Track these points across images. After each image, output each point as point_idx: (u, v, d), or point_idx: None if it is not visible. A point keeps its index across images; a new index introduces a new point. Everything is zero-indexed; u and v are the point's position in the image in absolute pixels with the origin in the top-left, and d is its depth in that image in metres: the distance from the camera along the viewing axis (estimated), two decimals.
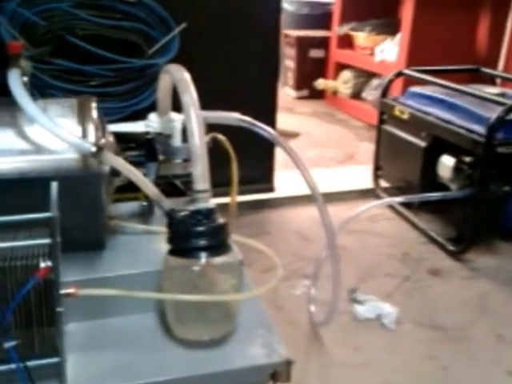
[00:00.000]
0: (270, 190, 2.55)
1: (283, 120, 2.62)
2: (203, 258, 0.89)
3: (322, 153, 3.25)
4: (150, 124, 1.16)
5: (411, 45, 3.35)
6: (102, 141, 0.95)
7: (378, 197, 2.54)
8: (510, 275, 2.02)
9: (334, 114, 4.10)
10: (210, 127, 1.07)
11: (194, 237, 0.89)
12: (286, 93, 4.47)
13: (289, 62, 4.54)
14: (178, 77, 0.97)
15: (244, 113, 1.17)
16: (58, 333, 0.80)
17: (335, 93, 4.24)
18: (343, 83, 4.16)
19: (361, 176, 2.74)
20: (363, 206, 1.97)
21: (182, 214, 0.91)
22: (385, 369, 1.53)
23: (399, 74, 2.56)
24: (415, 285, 1.94)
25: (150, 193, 0.95)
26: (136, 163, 1.02)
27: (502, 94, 2.17)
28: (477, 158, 1.98)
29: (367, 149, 3.22)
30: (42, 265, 0.76)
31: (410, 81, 2.59)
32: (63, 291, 0.80)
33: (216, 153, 1.07)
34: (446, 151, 2.13)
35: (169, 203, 0.94)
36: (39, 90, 1.69)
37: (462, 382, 1.50)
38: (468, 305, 1.84)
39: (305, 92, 4.47)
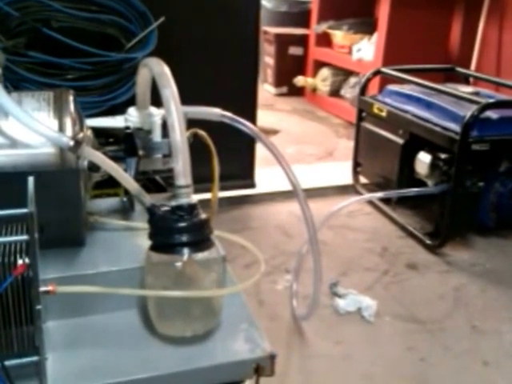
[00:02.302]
0: (251, 185, 2.55)
1: (263, 117, 2.64)
2: (185, 253, 0.88)
3: (302, 149, 3.27)
4: (130, 118, 1.14)
5: (387, 44, 3.40)
6: (80, 135, 0.93)
7: (357, 192, 2.57)
8: (484, 268, 2.07)
9: (313, 111, 4.13)
10: (190, 122, 1.06)
11: (176, 232, 0.88)
12: (265, 89, 4.48)
13: (268, 59, 4.54)
14: (158, 71, 0.95)
15: (224, 109, 1.17)
16: (36, 331, 0.78)
17: (314, 90, 4.27)
18: (322, 81, 4.19)
19: (340, 172, 2.77)
20: (344, 202, 1.99)
21: (164, 209, 0.90)
22: (365, 361, 1.55)
23: (377, 73, 2.60)
24: (394, 278, 1.98)
25: (130, 188, 0.93)
26: (115, 158, 1.00)
27: (477, 93, 2.23)
28: (452, 154, 2.03)
29: (346, 146, 3.25)
30: (20, 262, 0.75)
31: (387, 79, 2.63)
32: (42, 289, 0.79)
33: (196, 148, 1.06)
34: (423, 148, 2.17)
35: (150, 199, 0.93)
36: (13, 83, 1.65)
37: (440, 373, 1.54)
38: (444, 297, 1.88)
39: (284, 89, 4.48)
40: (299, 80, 4.29)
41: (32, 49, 1.70)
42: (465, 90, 2.29)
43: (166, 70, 0.95)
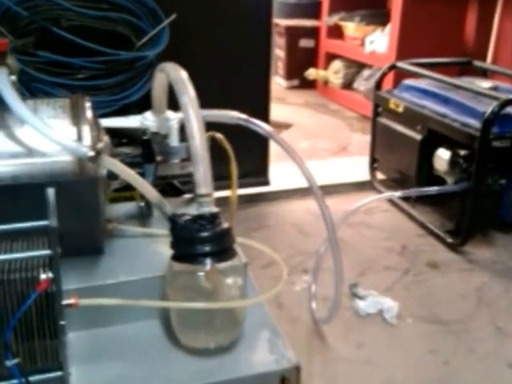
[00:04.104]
0: (265, 183, 2.51)
1: (275, 110, 2.58)
2: (208, 263, 0.86)
3: (316, 144, 3.22)
4: (146, 123, 1.12)
5: (401, 36, 3.33)
6: (100, 144, 0.90)
7: (374, 189, 2.53)
8: (507, 266, 2.02)
9: (325, 105, 4.07)
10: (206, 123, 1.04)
11: (199, 242, 0.86)
12: (276, 82, 4.43)
13: (279, 52, 4.48)
14: (175, 76, 0.93)
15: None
16: (60, 346, 0.77)
17: (326, 83, 4.21)
18: (334, 73, 4.13)
19: (356, 168, 2.72)
20: (363, 200, 1.95)
21: (185, 218, 0.88)
22: (388, 365, 1.52)
23: (392, 67, 2.54)
24: (414, 278, 1.94)
25: (150, 197, 0.91)
26: (133, 164, 0.98)
27: (495, 88, 2.17)
28: (472, 151, 1.98)
29: (360, 140, 3.20)
30: (43, 277, 0.73)
31: (402, 73, 2.57)
32: (64, 302, 0.76)
33: (212, 146, 1.04)
34: (442, 144, 2.12)
35: (170, 207, 0.91)
36: (23, 83, 1.63)
37: (464, 377, 1.50)
38: (467, 297, 1.83)
39: (295, 82, 4.43)
40: (311, 73, 4.23)
41: (42, 48, 1.68)
42: (483, 84, 2.22)
43: (184, 75, 0.93)
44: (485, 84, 2.23)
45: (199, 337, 0.91)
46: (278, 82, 4.49)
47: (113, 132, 1.07)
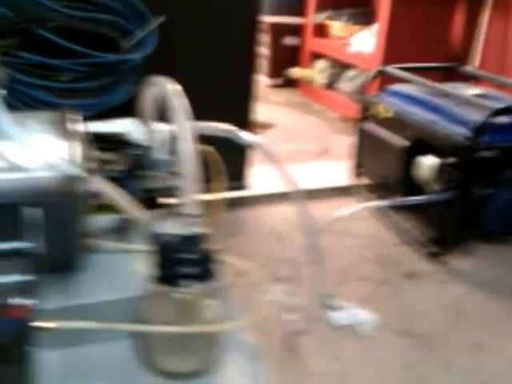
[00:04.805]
0: (243, 187, 2.48)
1: (257, 109, 2.56)
2: (188, 285, 0.85)
3: (298, 146, 3.20)
4: (133, 134, 1.10)
5: (388, 37, 3.32)
6: (91, 164, 0.87)
7: (357, 195, 2.52)
8: (485, 278, 2.04)
9: (308, 105, 4.05)
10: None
11: (181, 264, 0.86)
12: (259, 80, 4.38)
13: (263, 49, 4.43)
14: (170, 92, 0.91)
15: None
16: (28, 373, 0.73)
17: (310, 82, 4.18)
18: (319, 72, 4.10)
19: (338, 172, 2.72)
20: (346, 210, 1.93)
21: (170, 239, 0.86)
22: (362, 379, 1.53)
23: (381, 72, 2.53)
24: (391, 289, 1.94)
25: (136, 217, 0.91)
26: (119, 179, 0.96)
27: (484, 95, 2.17)
28: (460, 160, 1.98)
29: (343, 142, 3.19)
30: (17, 302, 0.69)
31: (388, 76, 2.56)
32: (36, 324, 0.73)
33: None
34: (429, 151, 2.12)
35: (155, 225, 0.88)
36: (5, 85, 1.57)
37: None
38: (444, 310, 1.85)
39: (279, 80, 4.40)
40: (295, 72, 4.20)
41: (25, 49, 1.63)
42: (471, 91, 2.23)
43: (179, 90, 0.91)
44: (473, 91, 2.24)
45: (175, 360, 0.90)
46: (261, 80, 4.44)
47: (97, 136, 1.05)
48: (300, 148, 3.18)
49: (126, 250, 1.05)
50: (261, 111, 3.40)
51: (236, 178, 2.46)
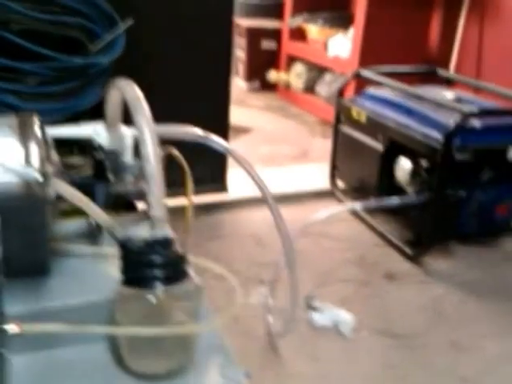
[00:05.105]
0: (223, 190, 2.46)
1: (234, 114, 2.53)
2: (158, 287, 0.83)
3: (276, 149, 3.19)
4: (98, 138, 1.07)
5: (364, 41, 3.33)
6: (49, 167, 0.84)
7: (335, 198, 2.52)
8: (464, 278, 2.05)
9: (286, 108, 4.05)
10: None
11: (150, 266, 0.83)
12: (236, 84, 4.37)
13: (239, 53, 4.43)
14: (130, 95, 0.89)
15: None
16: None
17: (288, 86, 4.19)
18: (296, 76, 4.11)
19: (316, 175, 2.72)
20: (323, 213, 1.92)
21: (137, 242, 0.83)
22: (342, 379, 1.52)
23: (357, 76, 2.54)
24: (371, 290, 1.94)
25: (101, 222, 0.88)
26: (84, 185, 0.93)
27: (459, 99, 2.19)
28: (434, 163, 1.99)
29: (321, 145, 3.20)
30: None
31: (365, 80, 2.57)
32: (3, 327, 0.70)
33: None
34: (403, 154, 2.13)
35: (121, 230, 0.86)
36: None
37: None
38: (423, 310, 1.85)
39: (256, 84, 4.39)
40: (272, 76, 4.20)
41: None
42: (446, 95, 2.25)
43: (139, 94, 0.89)
44: (448, 95, 2.25)
45: (148, 362, 0.87)
46: (238, 84, 4.44)
47: (62, 141, 1.02)
48: (279, 151, 3.17)
49: (97, 254, 1.03)
50: (239, 115, 3.40)
51: (215, 181, 2.43)
